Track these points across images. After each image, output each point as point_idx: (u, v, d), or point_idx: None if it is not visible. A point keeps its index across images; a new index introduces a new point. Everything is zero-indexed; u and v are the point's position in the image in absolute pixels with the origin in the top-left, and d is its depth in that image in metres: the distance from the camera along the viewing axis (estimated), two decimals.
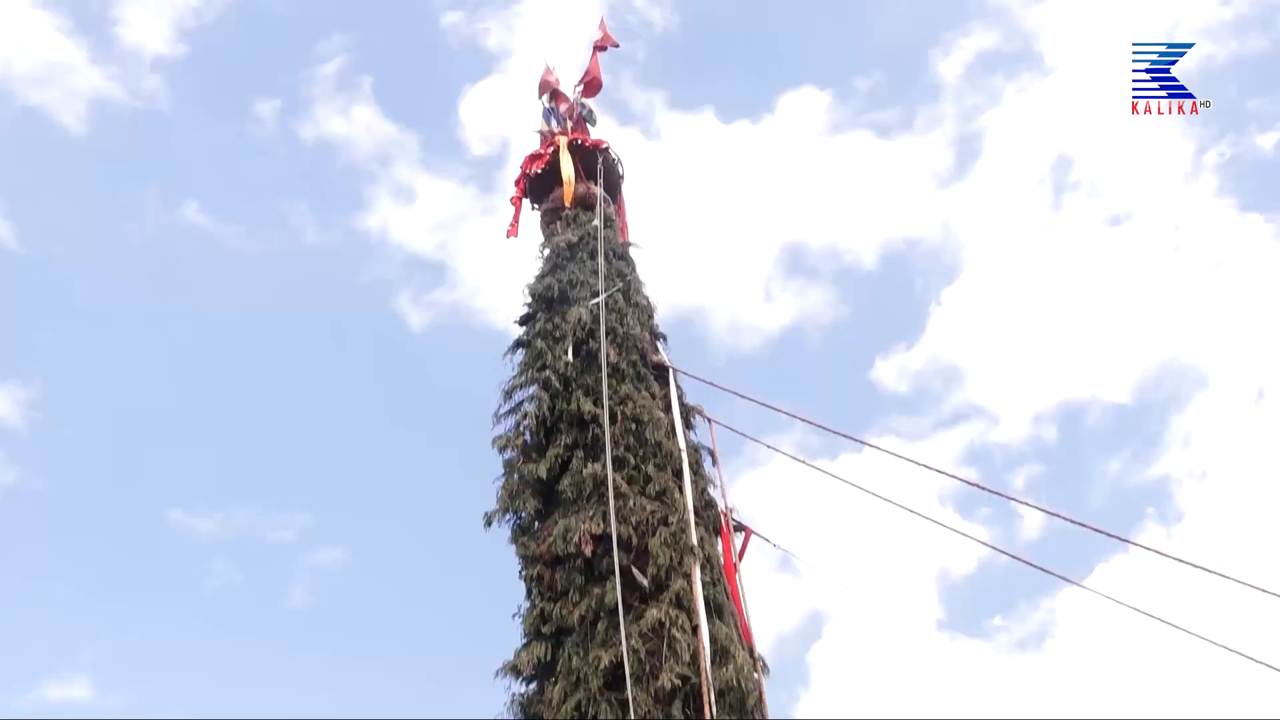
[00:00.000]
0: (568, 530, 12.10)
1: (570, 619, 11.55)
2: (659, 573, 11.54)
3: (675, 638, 10.92)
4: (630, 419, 13.22)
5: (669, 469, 13.08)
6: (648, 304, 15.95)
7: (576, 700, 10.80)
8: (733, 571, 13.01)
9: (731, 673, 10.95)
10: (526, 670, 11.67)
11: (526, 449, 13.62)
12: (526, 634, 12.00)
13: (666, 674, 10.64)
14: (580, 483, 12.61)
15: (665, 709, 10.52)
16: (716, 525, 13.39)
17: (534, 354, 14.49)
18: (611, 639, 11.02)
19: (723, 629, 11.55)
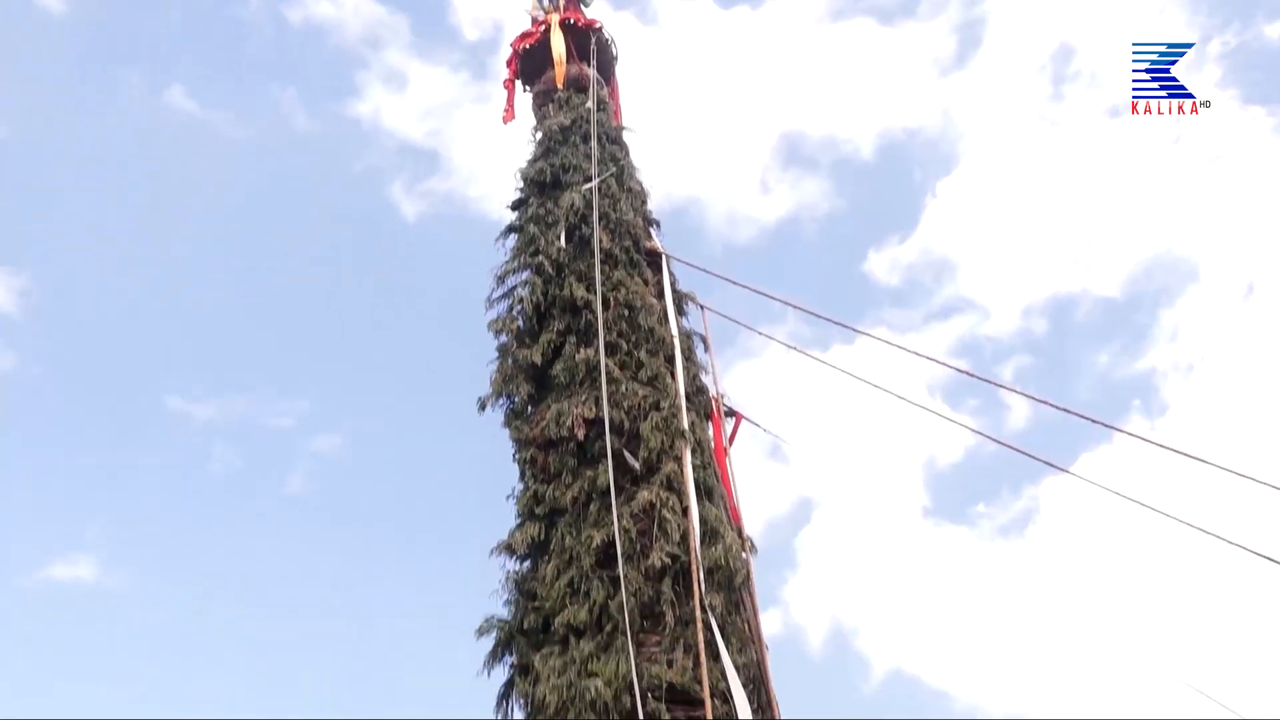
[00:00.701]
0: (560, 414, 12.25)
1: (563, 500, 11.80)
2: (650, 456, 11.75)
3: (665, 518, 11.19)
4: (623, 305, 13.25)
5: (661, 355, 13.18)
6: (641, 189, 15.80)
7: (569, 577, 11.13)
8: (723, 455, 13.24)
9: (720, 552, 11.26)
10: (521, 549, 11.99)
11: (519, 334, 13.68)
12: (520, 515, 12.28)
13: (657, 553, 10.94)
14: (573, 368, 12.71)
15: (655, 586, 10.85)
16: (707, 410, 13.56)
17: (526, 239, 14.42)
18: (603, 519, 11.28)
19: (712, 510, 11.82)
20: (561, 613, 10.93)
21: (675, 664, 10.36)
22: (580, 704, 10.02)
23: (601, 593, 10.85)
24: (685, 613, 10.69)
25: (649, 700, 9.94)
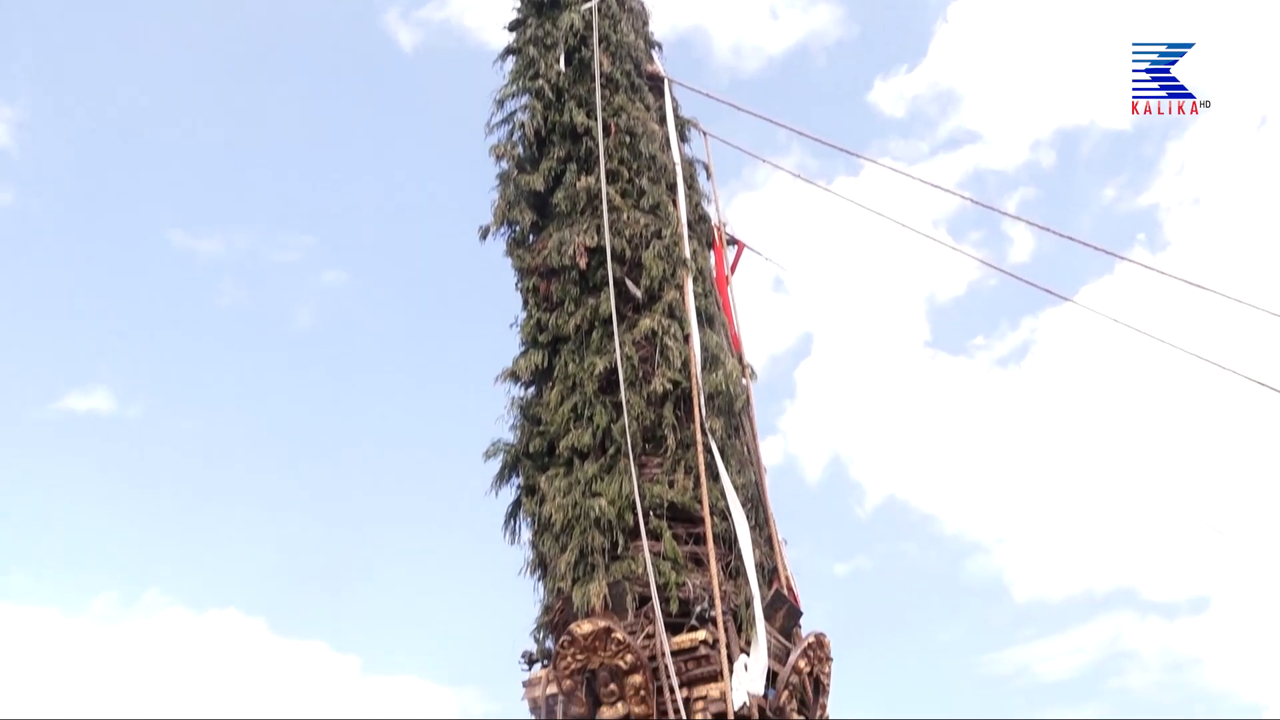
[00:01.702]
0: (562, 243, 12.21)
1: (566, 328, 11.92)
2: (652, 284, 11.79)
3: (667, 345, 11.34)
4: (624, 131, 12.99)
5: (663, 182, 13.02)
6: (642, 9, 15.18)
7: (573, 403, 11.38)
8: (724, 284, 13.28)
9: (721, 378, 11.46)
10: (525, 376, 12.20)
11: (520, 161, 13.46)
12: (524, 342, 12.43)
13: (659, 379, 11.15)
14: (574, 196, 12.58)
15: (657, 410, 11.10)
16: (709, 239, 13.51)
17: (525, 62, 13.97)
18: (606, 346, 11.43)
19: (713, 337, 11.96)
20: (566, 436, 11.24)
21: (676, 484, 10.72)
22: (585, 522, 10.45)
23: (604, 417, 11.12)
24: (686, 436, 10.99)
25: (651, 518, 10.36)
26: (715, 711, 9.18)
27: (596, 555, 10.27)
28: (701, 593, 9.89)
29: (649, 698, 9.27)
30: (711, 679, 9.37)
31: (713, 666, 9.38)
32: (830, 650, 10.62)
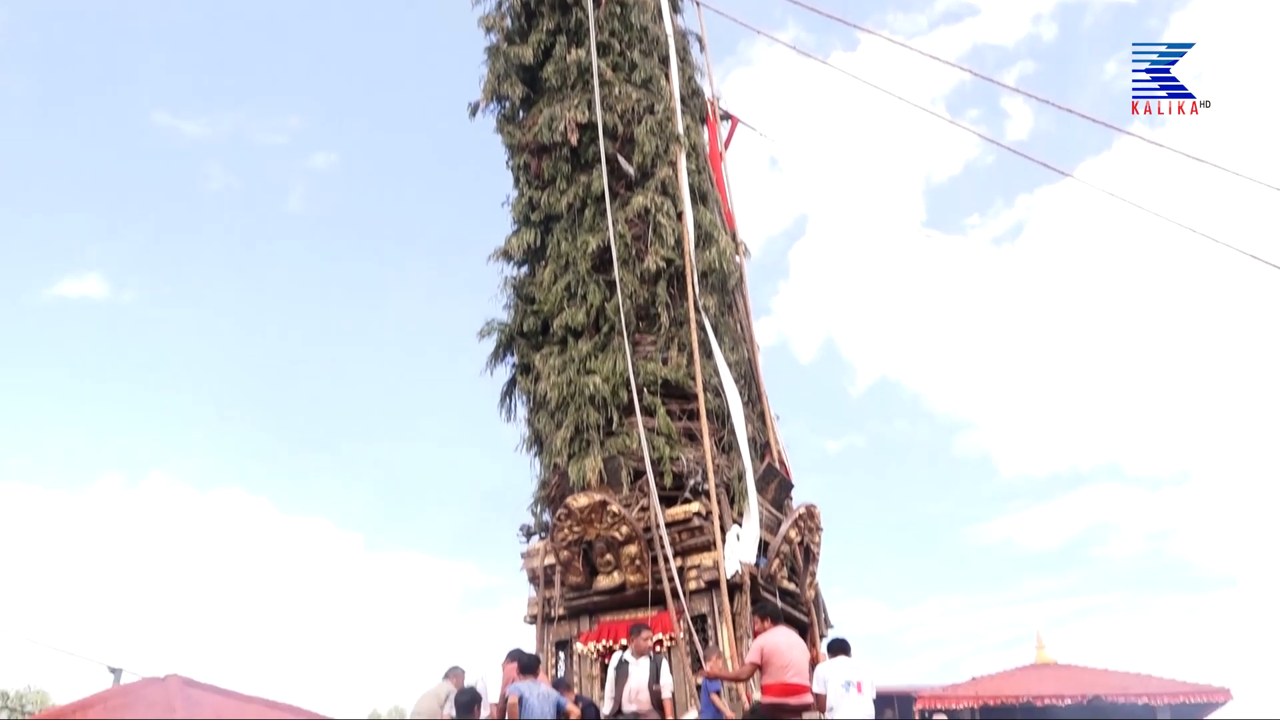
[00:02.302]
0: (553, 119, 11.99)
1: (558, 206, 11.81)
2: (645, 160, 11.62)
3: (660, 223, 11.26)
4: (615, 1, 12.60)
5: (655, 55, 12.70)
6: None
7: (566, 281, 11.36)
8: (718, 160, 13.09)
9: (714, 255, 11.43)
10: (517, 255, 12.14)
11: (509, 34, 13.11)
12: (516, 221, 12.33)
13: (652, 257, 11.11)
14: (564, 70, 12.29)
15: (650, 289, 11.10)
16: (703, 113, 13.26)
17: None
18: (598, 224, 11.36)
19: (707, 215, 11.87)
20: (559, 315, 11.27)
21: (670, 361, 10.81)
22: (580, 399, 10.56)
23: (598, 296, 11.13)
24: (679, 314, 11.02)
25: (645, 395, 10.47)
26: (708, 580, 9.46)
27: (591, 431, 10.42)
28: (695, 466, 10.07)
29: (644, 567, 9.55)
30: (705, 549, 9.63)
31: (706, 537, 9.63)
32: (820, 521, 10.88)
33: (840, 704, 7.82)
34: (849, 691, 7.84)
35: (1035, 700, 21.32)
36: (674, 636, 9.25)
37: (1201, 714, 21.83)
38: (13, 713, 26.54)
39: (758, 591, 9.60)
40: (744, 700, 8.80)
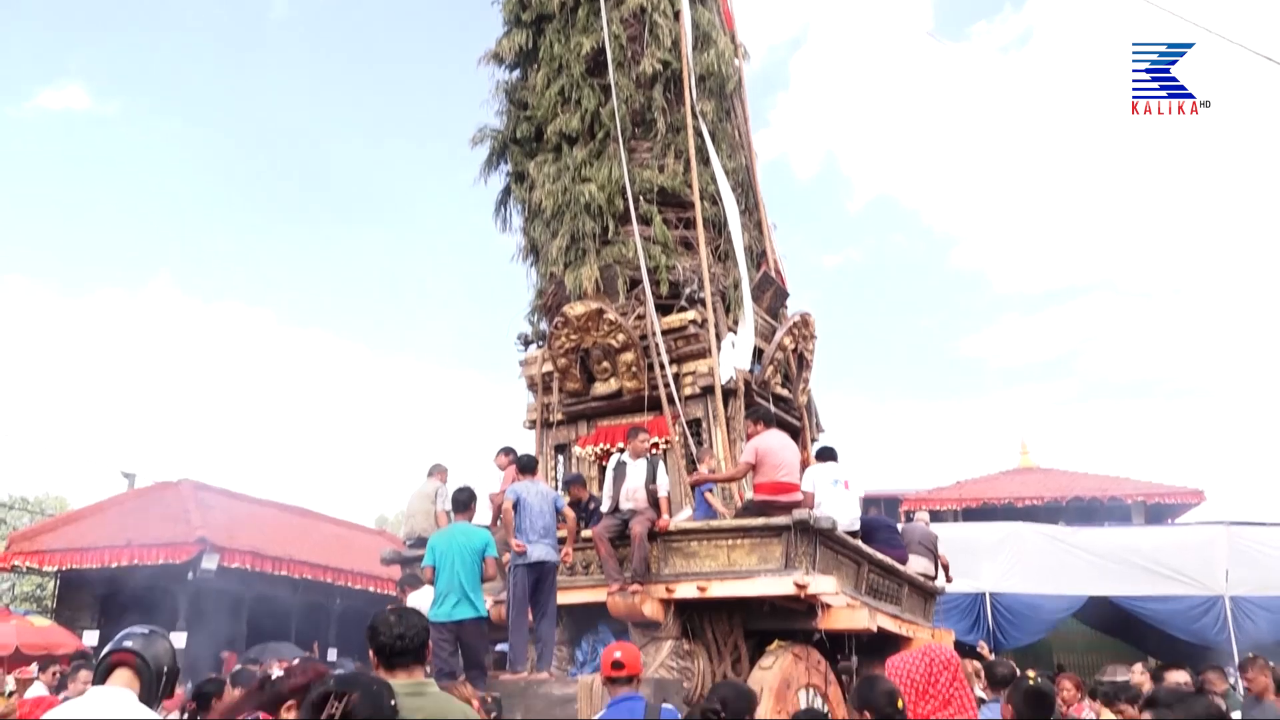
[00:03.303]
0: None
1: (550, 5, 11.32)
2: None
3: (657, 23, 10.83)
4: None
5: None
6: None
7: (560, 86, 11.02)
8: None
9: (712, 58, 11.05)
10: (509, 58, 11.73)
11: None
12: (507, 22, 11.84)
13: (648, 59, 10.74)
14: None
15: (646, 93, 10.79)
16: None
17: None
18: (592, 25, 10.92)
19: (705, 14, 11.41)
20: (553, 121, 10.99)
21: (666, 169, 10.64)
22: (575, 207, 10.46)
23: (593, 100, 10.83)
24: (676, 119, 10.76)
25: (641, 203, 10.37)
26: (703, 385, 9.65)
27: (587, 240, 10.37)
28: (691, 275, 10.09)
29: (640, 374, 9.72)
30: (700, 356, 9.77)
31: (701, 344, 9.75)
32: (814, 329, 10.99)
33: (827, 500, 8.18)
34: (835, 488, 8.15)
35: (1016, 502, 22.26)
36: (669, 440, 9.52)
37: (1175, 514, 22.85)
38: (34, 516, 27.61)
39: (751, 397, 9.81)
40: (736, 499, 9.16)
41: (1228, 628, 14.54)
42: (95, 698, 3.81)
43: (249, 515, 17.73)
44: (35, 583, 24.98)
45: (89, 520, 17.03)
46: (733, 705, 4.28)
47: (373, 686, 2.74)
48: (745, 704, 4.34)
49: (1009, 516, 20.26)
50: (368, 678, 2.87)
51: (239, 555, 15.44)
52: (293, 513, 20.03)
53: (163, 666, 3.92)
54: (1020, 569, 16.37)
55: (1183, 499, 22.84)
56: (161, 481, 18.67)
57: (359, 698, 2.62)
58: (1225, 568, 15.08)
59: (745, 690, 4.58)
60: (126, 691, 3.79)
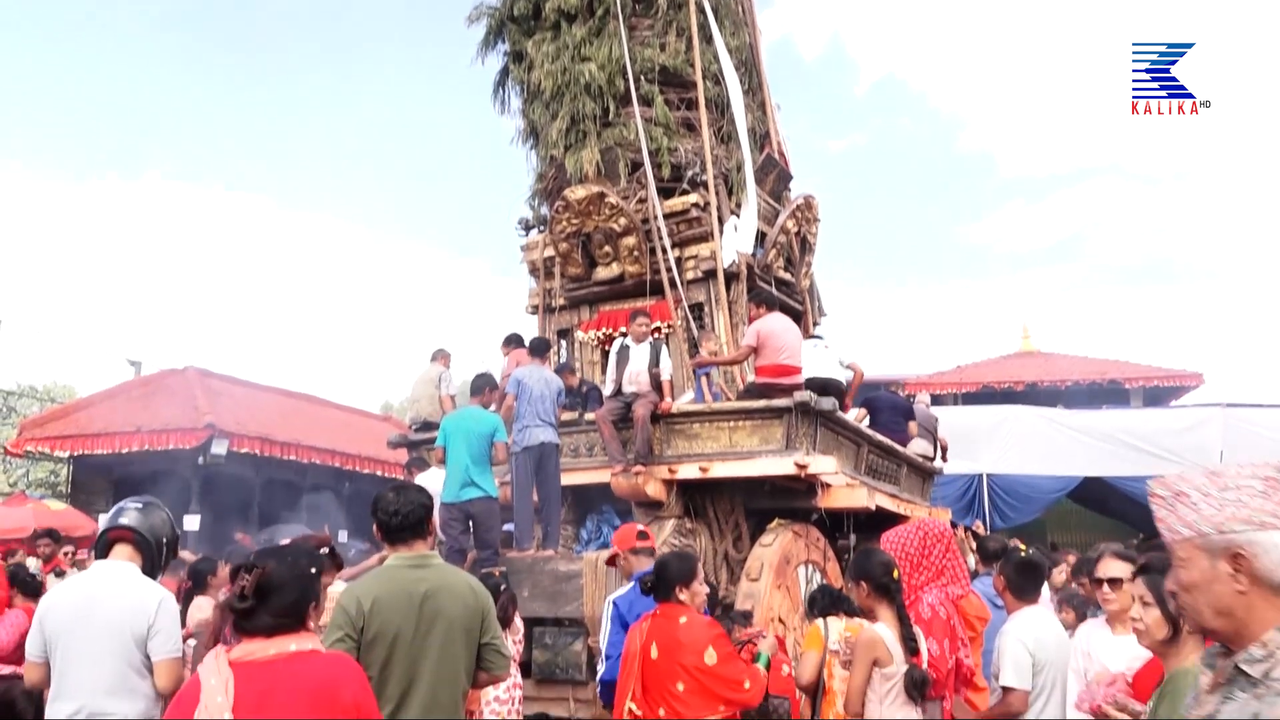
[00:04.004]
0: None
1: None
2: None
3: None
4: None
5: None
6: None
7: None
8: None
9: None
10: None
11: None
12: None
13: None
14: None
15: None
16: None
17: None
18: None
19: None
20: None
21: (668, 47, 10.37)
22: (575, 88, 10.23)
23: None
24: None
25: (642, 83, 10.14)
26: (705, 270, 9.61)
27: (588, 122, 10.19)
28: (693, 157, 9.94)
29: (642, 258, 9.67)
30: (702, 240, 9.71)
31: (703, 228, 9.68)
32: (818, 212, 10.89)
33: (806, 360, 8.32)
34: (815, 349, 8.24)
35: (1016, 385, 22.42)
36: (672, 324, 9.54)
37: (1173, 397, 23.03)
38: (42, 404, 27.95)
39: (754, 280, 9.79)
40: (738, 382, 9.24)
41: None
42: (98, 572, 3.92)
43: (256, 401, 17.92)
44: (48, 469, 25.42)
45: (99, 407, 17.22)
46: (671, 570, 4.36)
47: (290, 557, 2.71)
48: (682, 570, 4.40)
49: (1009, 400, 20.45)
50: (293, 548, 2.88)
51: (248, 440, 15.66)
52: (299, 399, 20.23)
53: (161, 538, 4.02)
54: (1017, 451, 16.63)
55: (1182, 382, 23.00)
56: (168, 369, 18.80)
57: (273, 568, 2.60)
58: (1220, 449, 15.30)
59: (684, 556, 4.68)
60: (129, 564, 3.89)
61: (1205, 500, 1.86)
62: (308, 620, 2.62)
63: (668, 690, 4.08)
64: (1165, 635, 2.93)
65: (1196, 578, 1.85)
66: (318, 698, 2.44)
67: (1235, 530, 1.81)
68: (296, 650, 2.52)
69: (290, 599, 2.56)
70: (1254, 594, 1.79)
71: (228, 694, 2.38)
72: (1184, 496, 1.89)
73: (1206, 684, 1.86)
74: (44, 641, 3.73)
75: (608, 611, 4.94)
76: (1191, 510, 1.87)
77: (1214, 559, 1.82)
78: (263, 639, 2.52)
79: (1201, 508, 1.86)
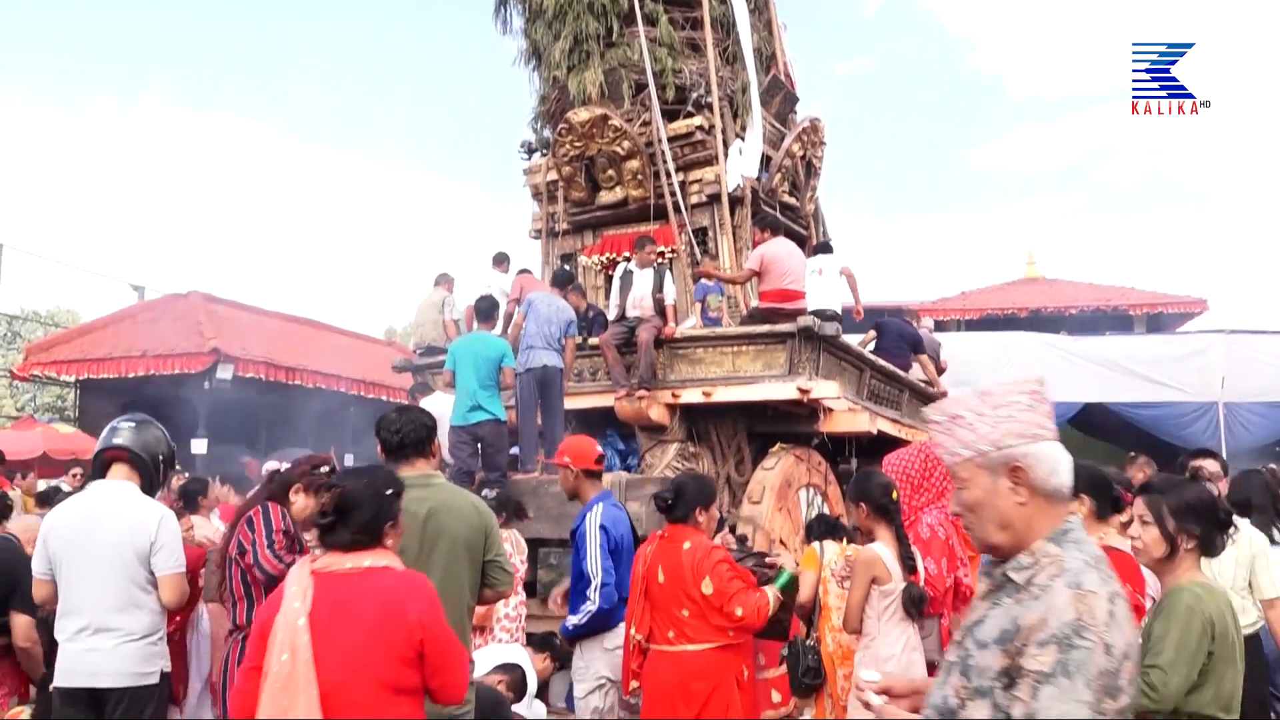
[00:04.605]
0: None
1: None
2: None
3: None
4: None
5: None
6: None
7: None
8: None
9: None
10: None
11: None
12: None
13: None
14: None
15: None
16: None
17: None
18: None
19: None
20: None
21: None
22: (578, 7, 10.03)
23: None
24: None
25: (646, 1, 9.93)
26: (710, 194, 9.52)
27: (591, 42, 10.00)
28: (698, 79, 9.77)
29: (646, 182, 9.57)
30: (707, 163, 9.59)
31: (708, 151, 9.56)
32: (824, 135, 10.75)
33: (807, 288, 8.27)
34: (812, 276, 8.22)
35: (1019, 312, 22.38)
36: (676, 249, 9.49)
37: (1176, 323, 23.00)
38: (46, 329, 28.01)
39: (758, 204, 9.71)
40: (742, 307, 9.23)
41: (1219, 432, 14.90)
42: (96, 491, 3.96)
43: (260, 326, 17.94)
44: (55, 394, 25.61)
45: (104, 331, 17.26)
46: (689, 493, 4.39)
47: (367, 478, 2.85)
48: (701, 494, 4.43)
49: (1012, 327, 20.42)
50: (372, 471, 3.00)
51: (253, 365, 15.72)
52: (303, 324, 20.25)
53: (157, 455, 4.06)
54: (1020, 377, 16.65)
55: (1186, 308, 22.93)
56: (171, 293, 18.79)
57: (351, 488, 2.76)
58: (1222, 374, 15.32)
59: (704, 481, 4.66)
60: (127, 483, 3.94)
61: (980, 419, 1.93)
62: (384, 538, 2.78)
63: (674, 615, 4.16)
64: (1163, 553, 2.97)
65: (980, 495, 1.91)
66: (385, 611, 2.61)
67: (1011, 444, 1.88)
68: (371, 565, 2.70)
69: (366, 517, 2.74)
70: (1031, 504, 1.87)
71: (305, 600, 2.60)
72: (960, 419, 1.96)
73: (981, 591, 1.94)
74: (49, 559, 3.81)
75: (594, 535, 4.73)
76: (968, 431, 1.93)
77: (994, 475, 1.89)
78: (341, 553, 2.72)
79: (977, 427, 1.92)
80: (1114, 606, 1.73)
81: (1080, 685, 1.65)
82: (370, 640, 2.57)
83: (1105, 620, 1.70)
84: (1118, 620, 1.72)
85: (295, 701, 2.47)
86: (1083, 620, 1.69)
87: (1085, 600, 1.71)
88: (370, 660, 2.56)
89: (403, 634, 2.59)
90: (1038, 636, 1.71)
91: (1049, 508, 1.88)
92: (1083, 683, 1.65)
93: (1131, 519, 3.16)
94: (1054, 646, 1.68)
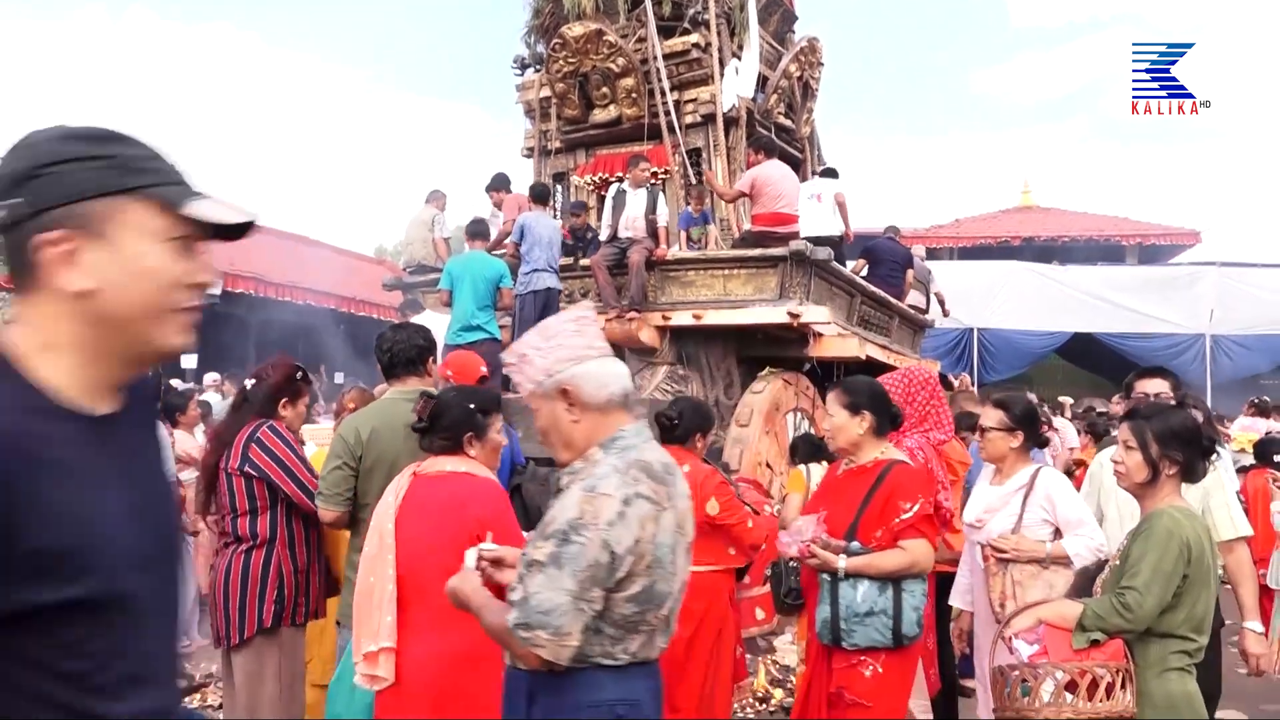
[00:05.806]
0: None
1: None
2: None
3: None
4: None
5: None
6: None
7: None
8: None
9: None
10: None
11: None
12: None
13: None
14: None
15: None
16: None
17: None
18: None
19: None
20: None
21: None
22: None
23: None
24: None
25: None
26: (705, 114, 9.38)
27: None
28: None
29: (640, 100, 9.42)
30: (702, 82, 9.43)
31: (704, 70, 9.39)
32: (822, 56, 10.57)
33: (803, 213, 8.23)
34: (809, 202, 8.16)
35: (1013, 240, 22.33)
36: (669, 169, 9.39)
37: (1169, 255, 23.00)
38: None
39: (753, 125, 9.59)
40: (734, 230, 9.17)
41: (1205, 364, 15.03)
42: None
43: (248, 241, 17.70)
44: None
45: None
46: (689, 418, 4.43)
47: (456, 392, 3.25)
48: (702, 421, 4.49)
49: (1005, 255, 20.40)
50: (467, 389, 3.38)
51: (242, 280, 15.62)
52: (293, 240, 20.05)
53: None
54: (1010, 306, 16.71)
55: (1178, 240, 22.90)
56: None
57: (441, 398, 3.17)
58: (1211, 307, 15.39)
59: (704, 409, 4.71)
60: None
61: (539, 353, 2.15)
62: (466, 447, 3.12)
63: None
64: (1145, 478, 3.02)
65: (545, 421, 2.16)
66: (447, 509, 2.96)
67: (560, 370, 2.11)
68: (451, 470, 3.06)
69: (448, 425, 3.11)
70: (585, 420, 2.12)
71: (397, 498, 3.04)
72: (526, 357, 2.17)
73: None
74: None
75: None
76: (529, 365, 2.15)
77: (551, 400, 2.13)
78: (434, 456, 3.12)
79: (537, 360, 2.14)
80: (627, 508, 1.96)
81: (566, 575, 1.92)
82: (435, 532, 2.91)
83: (611, 519, 1.94)
84: (627, 520, 1.95)
85: (379, 576, 2.97)
86: (584, 519, 1.94)
87: (594, 502, 1.96)
88: (434, 547, 2.89)
89: (462, 530, 2.83)
90: (545, 531, 1.98)
91: (603, 419, 2.11)
92: (569, 573, 1.91)
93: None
94: (553, 540, 1.95)
